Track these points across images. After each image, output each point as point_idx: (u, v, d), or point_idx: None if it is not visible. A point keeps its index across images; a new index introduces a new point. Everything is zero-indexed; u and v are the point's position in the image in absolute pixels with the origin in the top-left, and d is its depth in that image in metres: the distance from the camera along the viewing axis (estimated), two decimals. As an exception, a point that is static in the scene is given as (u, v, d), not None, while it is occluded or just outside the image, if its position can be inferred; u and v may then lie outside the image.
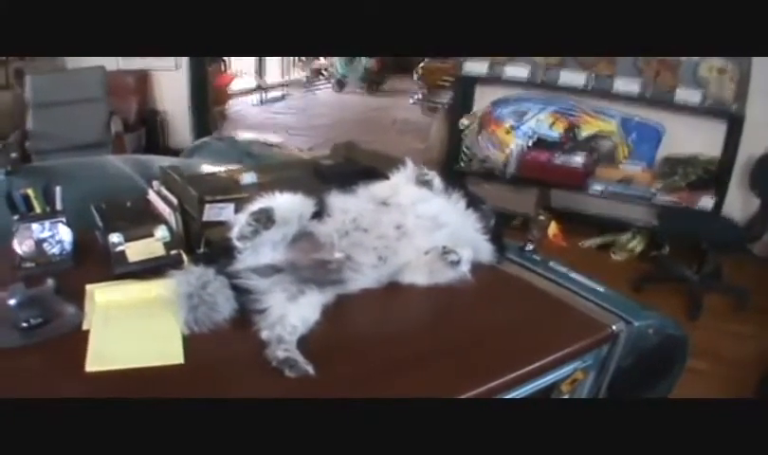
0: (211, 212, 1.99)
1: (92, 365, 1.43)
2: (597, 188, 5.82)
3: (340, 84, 14.30)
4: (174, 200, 2.06)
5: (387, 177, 2.02)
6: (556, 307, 1.83)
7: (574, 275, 2.00)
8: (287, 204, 1.77)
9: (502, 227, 2.07)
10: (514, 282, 1.98)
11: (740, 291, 4.85)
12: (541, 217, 5.49)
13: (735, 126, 5.43)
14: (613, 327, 1.71)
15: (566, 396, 1.74)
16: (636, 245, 5.67)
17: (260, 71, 13.50)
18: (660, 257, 5.54)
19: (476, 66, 6.24)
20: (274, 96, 13.28)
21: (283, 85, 13.85)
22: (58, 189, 1.94)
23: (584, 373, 1.72)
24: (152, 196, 2.18)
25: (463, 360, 1.54)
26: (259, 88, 13.09)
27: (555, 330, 1.73)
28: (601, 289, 1.92)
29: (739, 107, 5.36)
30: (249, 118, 11.54)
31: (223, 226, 1.87)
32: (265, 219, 1.67)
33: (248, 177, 2.31)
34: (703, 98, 5.44)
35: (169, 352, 1.49)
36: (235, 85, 12.23)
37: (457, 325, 1.74)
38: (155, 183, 2.22)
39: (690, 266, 5.00)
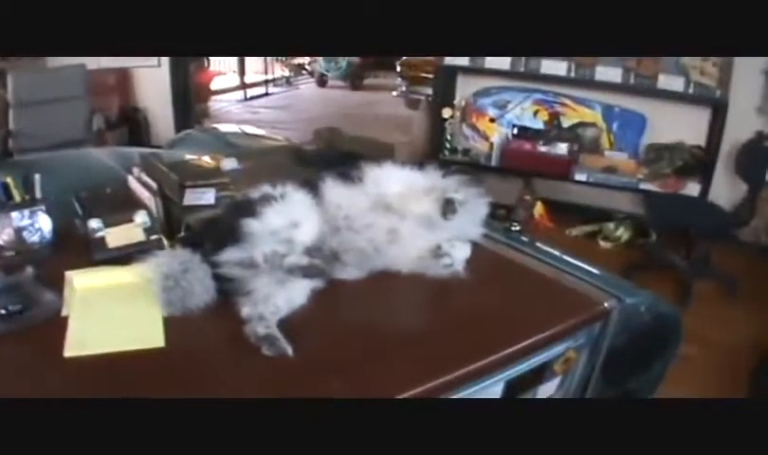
0: (192, 197, 1.96)
1: (71, 350, 1.40)
2: (582, 176, 5.80)
3: (323, 80, 14.30)
4: (155, 185, 2.02)
5: (374, 162, 1.96)
6: (546, 286, 1.81)
7: (562, 255, 1.97)
8: (313, 234, 1.72)
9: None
10: (502, 261, 1.95)
11: (730, 277, 4.84)
12: (527, 197, 5.46)
13: (719, 112, 5.43)
14: (605, 304, 1.69)
15: (559, 377, 1.72)
16: (623, 233, 5.65)
17: (242, 69, 13.48)
18: (648, 244, 5.52)
19: (457, 57, 6.20)
20: (257, 93, 13.24)
21: (265, 82, 13.81)
22: (37, 177, 1.92)
23: (576, 353, 1.69)
24: (132, 183, 2.15)
25: (452, 340, 1.51)
26: (241, 85, 13.07)
27: (546, 308, 1.69)
28: (592, 269, 1.89)
29: (722, 93, 5.35)
30: (232, 114, 11.52)
31: (204, 210, 1.85)
32: (311, 275, 1.64)
33: (230, 163, 2.28)
34: (686, 84, 5.43)
35: (149, 335, 1.46)
36: (218, 83, 12.19)
37: (446, 306, 1.72)
38: (135, 170, 2.19)
39: (678, 253, 4.99)
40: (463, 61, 6.18)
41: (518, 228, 2.13)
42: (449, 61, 6.28)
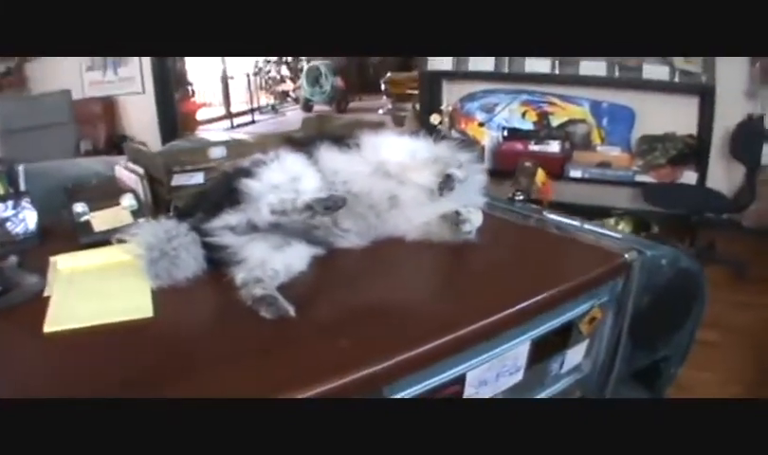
0: (182, 178, 1.88)
1: (51, 325, 1.31)
2: (577, 173, 5.74)
3: (308, 106, 14.31)
4: (141, 170, 1.95)
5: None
6: (563, 242, 1.75)
7: (573, 221, 1.92)
8: (316, 186, 1.63)
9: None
10: (511, 226, 1.90)
11: (737, 262, 4.80)
12: (527, 164, 5.34)
13: (707, 98, 5.38)
14: (626, 256, 1.61)
15: (587, 340, 1.64)
16: (624, 227, 5.56)
17: (227, 98, 13.49)
18: (651, 237, 5.44)
19: (441, 62, 6.21)
20: (243, 121, 13.26)
21: (251, 111, 13.83)
22: (21, 168, 1.93)
23: (602, 311, 1.61)
24: (119, 171, 2.07)
25: (469, 296, 1.44)
26: (227, 115, 13.08)
27: (565, 262, 1.64)
28: (607, 231, 1.85)
29: (708, 79, 5.30)
30: (220, 141, 11.50)
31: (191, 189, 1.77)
32: (334, 207, 1.55)
33: (218, 151, 2.20)
34: (671, 72, 5.39)
35: (137, 306, 1.37)
36: (204, 114, 12.20)
37: (459, 265, 1.65)
38: (121, 161, 2.11)
39: (683, 243, 4.92)
40: (446, 65, 6.17)
41: (521, 198, 2.04)
42: (432, 66, 6.26)
